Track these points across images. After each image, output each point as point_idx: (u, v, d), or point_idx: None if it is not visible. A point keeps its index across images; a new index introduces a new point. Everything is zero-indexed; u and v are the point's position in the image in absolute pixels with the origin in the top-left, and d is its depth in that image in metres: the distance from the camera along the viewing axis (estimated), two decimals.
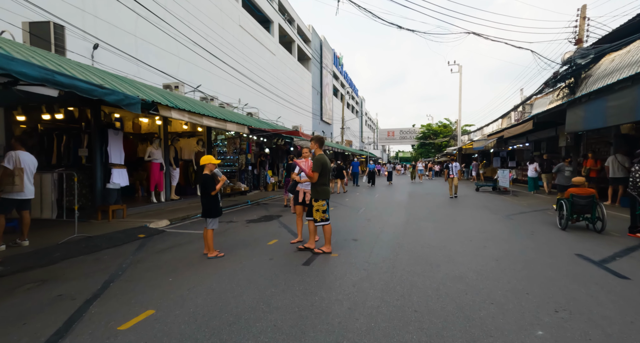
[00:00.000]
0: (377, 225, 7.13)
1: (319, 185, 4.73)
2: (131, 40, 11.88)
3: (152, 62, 11.98)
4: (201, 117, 8.00)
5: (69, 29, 9.18)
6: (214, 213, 4.71)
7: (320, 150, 4.93)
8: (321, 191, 4.74)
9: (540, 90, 13.73)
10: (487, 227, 6.86)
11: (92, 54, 10.53)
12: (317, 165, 4.63)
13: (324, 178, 4.74)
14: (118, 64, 10.72)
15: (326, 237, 4.88)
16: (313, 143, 4.98)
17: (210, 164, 4.76)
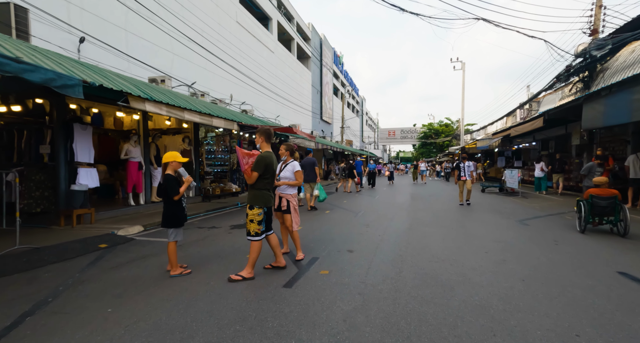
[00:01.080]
0: (376, 232, 6.26)
1: (256, 188, 3.72)
2: (121, 34, 11.06)
3: (144, 58, 11.17)
4: (182, 111, 7.15)
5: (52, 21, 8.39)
6: (176, 222, 3.85)
7: (268, 146, 3.92)
8: (258, 196, 3.70)
9: (550, 86, 12.82)
10: (501, 235, 5.97)
11: (79, 47, 9.73)
12: (259, 165, 3.63)
13: (265, 181, 3.75)
14: (107, 59, 9.90)
15: (251, 258, 3.69)
16: (258, 136, 3.94)
17: (174, 163, 3.91)
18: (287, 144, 4.66)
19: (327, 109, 36.54)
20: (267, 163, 3.66)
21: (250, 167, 3.67)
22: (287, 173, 4.56)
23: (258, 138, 3.90)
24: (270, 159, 3.70)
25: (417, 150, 57.25)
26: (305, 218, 7.70)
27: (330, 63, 38.10)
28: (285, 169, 4.61)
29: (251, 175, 3.65)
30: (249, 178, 3.69)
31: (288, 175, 4.55)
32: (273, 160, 3.77)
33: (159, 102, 6.45)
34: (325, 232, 6.20)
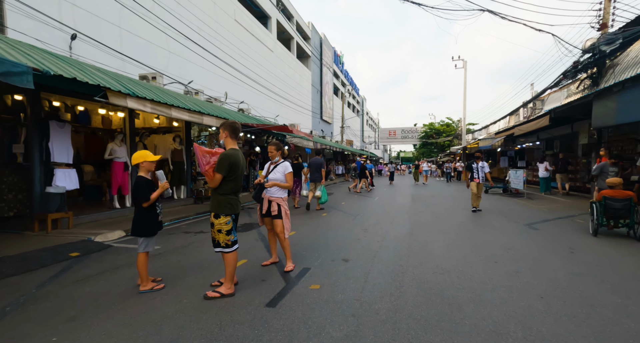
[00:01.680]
0: (375, 237, 5.77)
1: (221, 193, 3.19)
2: (115, 32, 10.61)
3: (139, 56, 10.72)
4: (169, 109, 6.69)
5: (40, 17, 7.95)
6: (148, 230, 3.37)
7: (234, 142, 3.34)
8: (224, 203, 3.17)
9: (556, 83, 12.31)
10: (510, 241, 5.48)
11: (70, 45, 9.30)
12: (223, 165, 3.08)
13: (231, 184, 3.20)
14: (100, 57, 9.45)
15: (227, 272, 3.22)
16: (222, 131, 3.33)
17: (145, 163, 3.43)
18: (276, 143, 4.19)
19: (327, 109, 36.06)
20: (231, 162, 3.13)
21: (212, 167, 3.15)
22: (278, 174, 4.10)
23: (222, 133, 3.33)
24: (235, 158, 3.18)
25: (418, 150, 56.69)
26: (299, 222, 7.23)
27: (330, 62, 37.63)
28: (276, 169, 4.14)
29: (213, 177, 3.13)
30: (211, 181, 3.17)
31: (278, 177, 4.08)
32: (239, 159, 3.25)
33: (143, 98, 5.98)
34: (319, 237, 5.72)
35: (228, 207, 3.19)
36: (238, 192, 3.34)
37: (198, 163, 3.17)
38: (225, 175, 3.15)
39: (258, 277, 3.76)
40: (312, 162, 9.25)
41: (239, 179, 3.30)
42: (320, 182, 9.15)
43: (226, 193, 3.20)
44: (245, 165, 3.53)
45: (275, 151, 4.16)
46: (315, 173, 9.13)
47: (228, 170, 3.14)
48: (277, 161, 4.20)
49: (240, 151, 3.39)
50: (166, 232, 6.13)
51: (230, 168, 3.15)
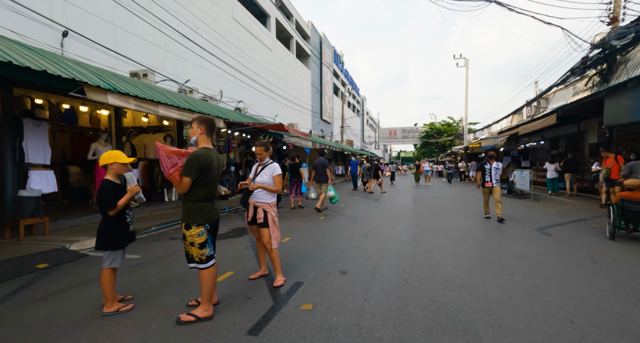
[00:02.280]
0: (375, 244, 5.29)
1: (192, 200, 2.70)
2: (109, 29, 10.16)
3: (134, 54, 10.28)
4: (156, 106, 6.22)
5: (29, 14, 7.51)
6: (114, 242, 2.89)
7: (208, 141, 2.85)
8: (195, 211, 2.68)
9: (563, 80, 11.80)
10: (523, 249, 4.99)
11: (62, 42, 8.85)
12: (192, 167, 2.59)
13: (205, 189, 2.72)
14: (93, 56, 9.00)
15: (204, 291, 2.73)
16: (197, 126, 2.80)
17: (115, 165, 2.95)
18: (264, 143, 3.72)
19: (327, 109, 35.59)
20: (202, 164, 2.64)
21: (178, 170, 2.67)
22: (265, 177, 3.63)
23: (195, 128, 2.81)
24: (207, 159, 2.69)
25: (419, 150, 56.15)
26: (295, 226, 6.76)
27: (330, 62, 37.16)
28: (263, 172, 3.67)
29: (180, 181, 2.64)
30: (178, 186, 2.67)
31: (266, 180, 3.61)
32: (212, 160, 2.77)
33: (125, 94, 5.51)
34: (315, 245, 5.24)
35: (200, 216, 2.71)
36: (212, 198, 2.86)
37: (161, 165, 2.68)
38: (196, 179, 2.67)
39: (243, 294, 3.28)
40: (317, 163, 9.08)
41: (212, 183, 2.82)
42: (326, 182, 9.01)
43: (197, 200, 2.72)
44: (222, 167, 3.05)
45: (264, 152, 3.69)
46: (321, 174, 8.98)
47: (198, 173, 2.66)
48: (266, 162, 3.73)
49: (214, 151, 2.92)
50: (150, 238, 5.67)
51: (201, 170, 2.67)
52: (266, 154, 3.71)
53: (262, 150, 3.68)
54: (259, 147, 3.68)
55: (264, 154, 3.70)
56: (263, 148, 3.67)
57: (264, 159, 3.72)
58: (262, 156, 3.70)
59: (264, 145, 3.68)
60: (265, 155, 3.71)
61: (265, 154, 3.70)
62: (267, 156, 3.75)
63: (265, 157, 3.72)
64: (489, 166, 7.45)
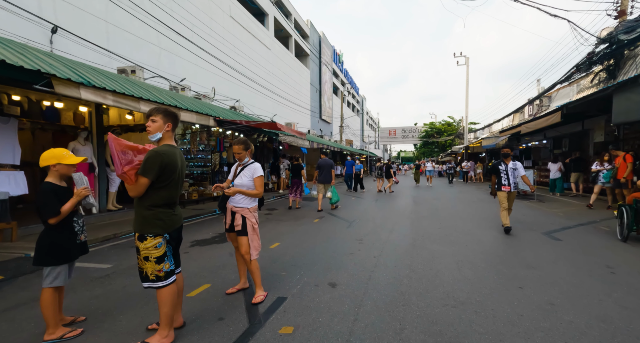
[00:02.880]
0: (371, 250, 4.85)
1: (148, 205, 2.26)
2: (101, 26, 9.75)
3: (127, 52, 9.89)
4: (137, 102, 5.79)
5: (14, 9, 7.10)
6: (57, 256, 2.45)
7: (172, 137, 2.43)
8: (150, 219, 2.25)
9: (567, 77, 11.34)
10: (532, 256, 4.54)
11: (51, 38, 8.44)
12: (151, 166, 2.18)
13: (165, 192, 2.30)
14: (84, 53, 8.62)
15: (162, 314, 2.30)
16: (160, 119, 2.35)
17: (60, 166, 2.52)
18: (243, 141, 3.28)
19: (327, 108, 35.16)
20: (164, 163, 2.23)
21: (134, 169, 2.22)
22: (244, 179, 3.19)
23: (159, 121, 2.34)
24: (170, 157, 2.28)
25: (419, 150, 55.67)
26: (286, 229, 6.32)
27: (329, 61, 36.73)
28: (242, 173, 3.24)
29: (136, 181, 2.20)
30: (132, 188, 2.23)
31: (245, 182, 3.18)
32: (176, 160, 2.35)
33: (102, 88, 5.08)
34: (306, 251, 4.80)
35: (158, 225, 2.27)
36: (174, 203, 2.42)
37: (113, 161, 2.23)
38: (155, 181, 2.24)
39: (216, 313, 2.85)
40: (323, 163, 9.05)
41: (175, 186, 2.38)
42: (330, 183, 9.00)
43: (156, 205, 2.28)
44: (185, 168, 2.61)
45: (243, 151, 3.25)
46: (327, 174, 8.96)
47: (159, 174, 2.22)
48: (246, 162, 3.30)
49: (179, 149, 2.48)
50: (129, 245, 5.23)
51: (163, 171, 2.24)
52: (246, 153, 3.27)
53: (241, 149, 3.24)
54: (238, 145, 3.24)
55: (243, 153, 3.26)
56: (242, 147, 3.23)
57: (243, 158, 3.28)
58: (241, 155, 3.26)
59: (242, 143, 3.24)
60: (245, 155, 3.28)
61: (244, 153, 3.26)
62: (248, 155, 3.31)
63: (244, 157, 3.28)
64: (504, 166, 6.16)
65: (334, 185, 9.05)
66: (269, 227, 6.63)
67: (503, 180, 6.13)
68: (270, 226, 6.76)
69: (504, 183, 6.09)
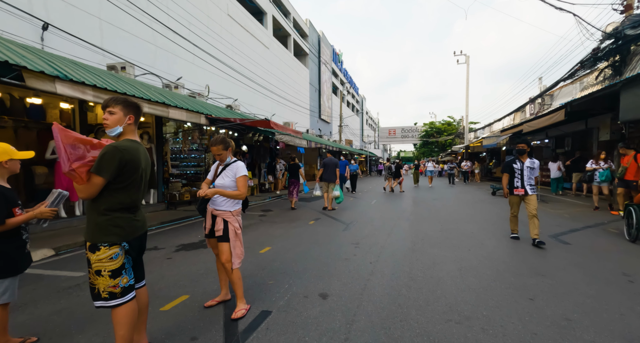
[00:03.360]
0: (367, 255, 4.51)
1: (103, 210, 1.91)
2: (94, 23, 9.41)
3: (121, 50, 9.57)
4: None
5: None
6: (3, 268, 2.12)
7: (134, 132, 2.10)
8: (104, 225, 1.91)
9: (570, 74, 11.00)
10: (541, 262, 4.20)
11: (42, 35, 8.12)
12: (108, 163, 1.85)
13: (123, 195, 1.96)
14: (77, 51, 8.31)
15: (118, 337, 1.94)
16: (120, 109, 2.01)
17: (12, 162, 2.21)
18: (221, 140, 2.93)
19: (326, 108, 34.83)
20: (124, 160, 1.89)
21: (86, 166, 1.86)
22: (226, 179, 2.86)
23: (121, 114, 2.01)
24: (131, 154, 1.94)
25: (419, 150, 55.31)
26: (280, 232, 5.97)
27: (328, 61, 36.40)
28: (224, 173, 2.91)
29: (87, 181, 1.85)
30: (83, 189, 1.85)
31: (226, 183, 2.85)
32: (139, 157, 2.01)
33: (80, 83, 4.74)
34: (298, 257, 4.46)
35: (114, 232, 1.93)
36: (135, 207, 2.08)
37: (59, 156, 1.88)
38: (112, 181, 1.90)
39: (189, 331, 2.51)
40: (328, 162, 8.93)
41: (136, 188, 2.04)
42: (334, 182, 8.85)
43: (111, 209, 1.93)
44: (150, 167, 2.27)
45: (223, 151, 2.91)
46: (331, 173, 8.81)
47: (117, 173, 1.89)
48: (229, 161, 2.97)
49: (142, 145, 2.14)
50: None
51: (123, 169, 1.90)
52: (226, 152, 2.93)
53: (221, 149, 2.89)
54: (216, 146, 2.89)
55: (224, 153, 2.92)
56: (221, 147, 2.89)
57: (224, 158, 2.95)
58: (222, 156, 2.92)
59: (221, 143, 2.89)
60: (226, 155, 2.94)
61: (225, 152, 2.92)
62: (229, 155, 2.98)
63: (226, 156, 2.95)
64: (519, 165, 5.18)
65: (338, 184, 8.92)
66: (262, 230, 6.30)
67: (515, 182, 5.15)
68: (263, 228, 6.42)
69: (517, 185, 5.14)
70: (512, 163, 5.26)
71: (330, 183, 8.92)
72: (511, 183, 5.24)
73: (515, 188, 5.18)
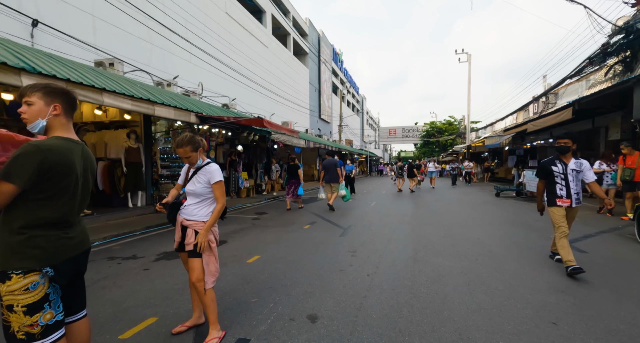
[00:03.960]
0: (364, 266, 4.06)
1: (17, 228, 1.44)
2: (87, 20, 9.02)
3: (115, 48, 9.19)
4: (99, 94, 5.03)
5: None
6: None
7: (68, 127, 1.65)
8: (18, 246, 1.44)
9: (578, 71, 10.52)
10: (558, 275, 3.74)
11: (32, 32, 7.73)
12: (21, 166, 1.39)
13: (48, 209, 1.49)
14: (69, 49, 7.92)
15: None
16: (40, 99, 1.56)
17: None
18: (188, 139, 2.46)
19: (326, 108, 34.40)
20: (46, 164, 1.45)
21: None
22: (198, 186, 2.44)
23: (40, 104, 1.56)
24: (59, 156, 1.51)
25: (419, 150, 54.80)
26: (272, 238, 5.52)
27: (329, 60, 35.96)
28: (195, 178, 2.48)
29: None
30: None
31: (199, 190, 2.42)
32: (70, 159, 1.56)
33: (51, 76, 4.31)
34: (288, 267, 4.02)
35: (32, 255, 1.47)
36: (66, 222, 1.63)
37: None
38: (29, 189, 1.46)
39: None
40: (327, 163, 8.88)
41: (69, 198, 1.59)
42: (338, 181, 8.83)
43: (30, 226, 1.48)
44: (94, 171, 1.83)
45: (192, 152, 2.45)
46: (333, 173, 8.76)
47: (35, 179, 1.44)
48: (200, 164, 2.53)
49: (81, 144, 1.70)
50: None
51: (45, 175, 1.46)
52: (196, 154, 2.48)
53: (189, 151, 2.44)
54: (183, 147, 2.42)
55: (193, 155, 2.46)
56: (189, 148, 2.43)
57: (194, 161, 2.49)
58: (190, 159, 2.47)
59: (189, 144, 2.43)
60: (196, 157, 2.49)
61: (194, 154, 2.46)
62: (200, 156, 2.53)
63: (196, 159, 2.50)
64: (562, 167, 3.88)
65: (342, 183, 8.88)
66: (253, 235, 5.85)
67: (559, 190, 3.84)
68: (255, 234, 5.98)
69: (560, 194, 3.83)
70: (551, 164, 3.95)
71: (333, 184, 8.90)
72: (552, 192, 3.92)
73: (558, 198, 3.84)
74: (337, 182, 8.82)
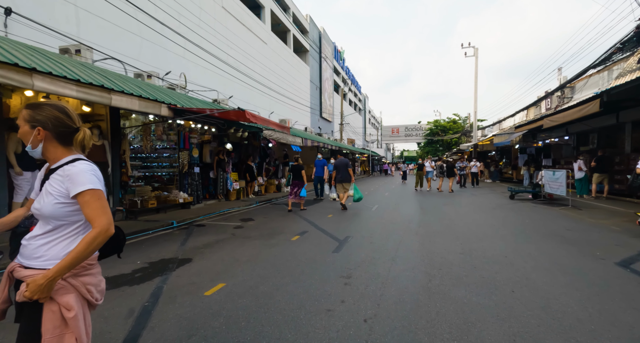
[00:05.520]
0: (361, 302, 2.91)
1: None
2: (70, 10, 8.02)
3: (100, 41, 8.27)
4: (28, 76, 3.93)
5: None
6: None
7: None
8: None
9: (603, 59, 9.27)
10: (635, 318, 2.58)
11: (5, 21, 6.75)
12: None
13: None
14: (47, 40, 6.98)
15: None
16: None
17: None
18: (32, 103, 1.34)
19: (327, 106, 33.23)
20: None
21: None
22: (47, 200, 1.30)
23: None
24: None
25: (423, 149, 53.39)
26: (246, 256, 4.37)
27: (330, 58, 34.80)
28: (46, 187, 1.34)
29: None
30: None
31: (46, 210, 1.29)
32: None
33: None
34: (257, 303, 2.87)
35: None
36: None
37: None
38: None
39: None
40: (338, 163, 8.83)
41: None
42: (349, 181, 8.70)
43: None
44: None
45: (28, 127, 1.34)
46: (344, 173, 8.69)
47: None
48: (60, 163, 1.39)
49: None
50: None
51: None
52: (36, 135, 1.34)
53: (24, 124, 1.33)
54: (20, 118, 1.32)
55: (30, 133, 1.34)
56: (27, 115, 1.33)
57: (36, 144, 1.36)
58: (32, 144, 1.35)
59: (28, 109, 1.33)
60: (37, 140, 1.36)
61: (31, 133, 1.35)
62: (58, 148, 1.40)
63: (37, 143, 1.36)
64: None
65: (354, 183, 8.74)
66: (226, 251, 4.72)
67: None
68: (229, 249, 4.84)
69: None
70: None
71: (345, 183, 8.74)
72: None
73: None
74: (348, 181, 8.70)
